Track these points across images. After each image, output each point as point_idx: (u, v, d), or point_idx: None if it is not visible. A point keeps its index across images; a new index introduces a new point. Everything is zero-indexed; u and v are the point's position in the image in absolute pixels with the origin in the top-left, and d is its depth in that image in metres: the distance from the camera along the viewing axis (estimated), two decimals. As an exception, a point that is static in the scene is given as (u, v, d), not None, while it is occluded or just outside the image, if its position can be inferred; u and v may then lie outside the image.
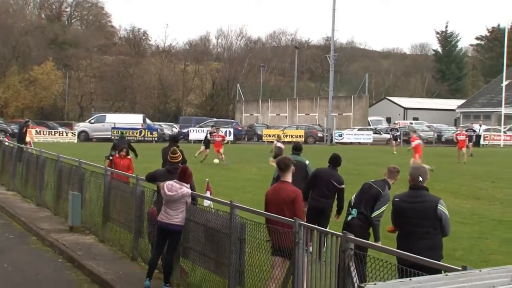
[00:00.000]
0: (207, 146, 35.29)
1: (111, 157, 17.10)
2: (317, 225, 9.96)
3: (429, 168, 22.01)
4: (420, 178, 8.70)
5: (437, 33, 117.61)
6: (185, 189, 10.67)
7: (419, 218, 8.33)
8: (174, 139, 21.25)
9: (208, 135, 36.25)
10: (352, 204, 10.61)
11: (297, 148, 14.65)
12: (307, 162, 14.24)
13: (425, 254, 7.96)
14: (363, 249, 7.42)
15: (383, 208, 10.43)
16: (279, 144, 31.56)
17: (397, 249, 8.50)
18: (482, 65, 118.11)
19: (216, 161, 33.62)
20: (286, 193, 9.45)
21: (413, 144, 33.76)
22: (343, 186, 12.71)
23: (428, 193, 8.53)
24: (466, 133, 41.41)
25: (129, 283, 11.17)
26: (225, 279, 9.62)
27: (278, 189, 9.65)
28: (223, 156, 34.37)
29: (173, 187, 10.66)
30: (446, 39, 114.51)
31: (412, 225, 8.36)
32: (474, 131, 53.36)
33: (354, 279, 6.85)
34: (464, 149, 38.29)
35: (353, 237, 7.17)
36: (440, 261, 7.46)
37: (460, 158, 37.81)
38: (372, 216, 10.35)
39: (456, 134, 40.90)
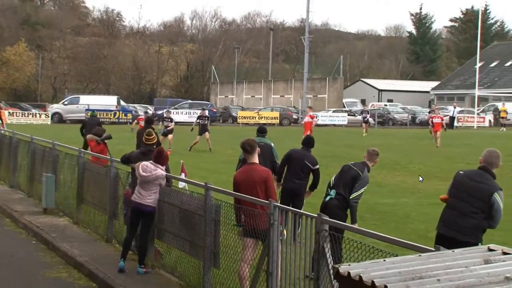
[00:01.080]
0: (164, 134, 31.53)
1: (106, 140, 16.84)
2: (292, 207, 10.01)
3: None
4: (491, 162, 8.63)
5: (412, 15, 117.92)
6: (160, 171, 10.66)
7: (472, 196, 8.30)
8: (149, 121, 21.19)
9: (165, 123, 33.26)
10: (331, 185, 10.65)
11: (261, 130, 14.63)
12: (272, 144, 14.21)
13: (464, 232, 8.21)
14: (339, 230, 7.46)
15: (361, 190, 10.48)
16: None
17: (440, 218, 8.63)
18: (456, 47, 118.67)
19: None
20: (258, 174, 9.41)
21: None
22: (318, 166, 12.70)
23: (492, 180, 8.45)
24: (441, 115, 40.87)
25: (103, 265, 11.15)
26: (200, 260, 9.63)
27: (248, 170, 9.56)
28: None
29: (147, 168, 10.64)
30: (421, 21, 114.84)
31: (463, 201, 8.37)
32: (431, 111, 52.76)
33: (329, 260, 6.89)
34: (439, 133, 37.17)
35: (328, 218, 7.19)
36: (478, 244, 7.54)
37: (438, 141, 36.65)
38: (351, 197, 10.38)
39: (432, 117, 40.10)
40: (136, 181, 10.94)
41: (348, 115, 66.97)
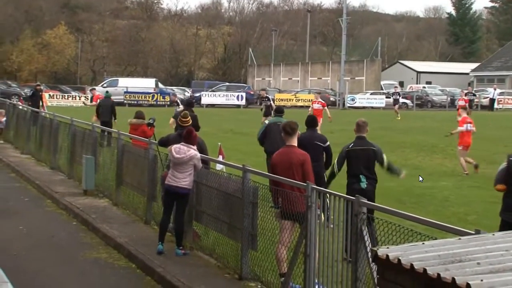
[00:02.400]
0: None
1: (153, 123, 17.00)
2: None
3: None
4: None
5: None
6: (193, 151, 10.68)
7: None
8: (189, 104, 21.25)
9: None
10: (356, 172, 10.78)
11: (279, 110, 15.64)
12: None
13: None
14: (371, 211, 7.46)
15: (385, 156, 11.13)
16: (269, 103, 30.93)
17: (503, 207, 8.61)
18: (496, 28, 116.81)
19: None
20: (296, 156, 9.42)
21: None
22: (328, 143, 12.80)
23: None
24: (466, 97, 39.46)
25: (142, 246, 11.27)
26: (238, 242, 9.69)
27: (286, 153, 9.57)
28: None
29: (180, 149, 10.68)
30: (460, 1, 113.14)
31: None
32: (474, 95, 51.71)
33: (367, 243, 6.88)
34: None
35: (366, 201, 7.20)
36: None
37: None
38: (385, 165, 11.04)
39: (458, 100, 38.99)
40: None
41: (386, 97, 66.43)
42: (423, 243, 4.30)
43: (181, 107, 30.62)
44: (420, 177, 18.59)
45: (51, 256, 11.26)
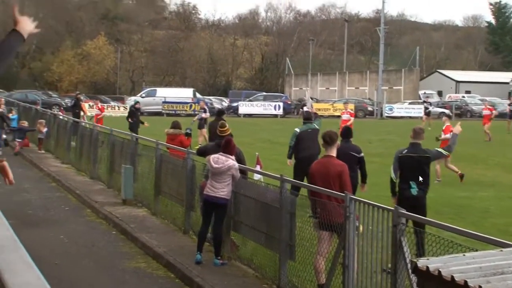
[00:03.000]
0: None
1: (190, 133, 17.21)
2: None
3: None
4: None
5: (491, 4, 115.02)
6: (231, 161, 10.70)
7: None
8: (220, 113, 21.33)
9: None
10: (408, 178, 10.73)
11: (307, 118, 15.98)
12: (318, 128, 15.43)
13: None
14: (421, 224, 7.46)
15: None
16: (305, 108, 30.88)
17: None
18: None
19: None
20: (333, 167, 9.42)
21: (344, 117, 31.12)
22: (362, 154, 12.99)
23: None
24: (490, 107, 38.32)
25: (181, 256, 11.33)
26: (276, 253, 9.69)
27: (324, 163, 9.59)
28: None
29: (219, 159, 10.71)
30: (500, 10, 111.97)
31: None
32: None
33: (406, 254, 6.84)
34: (486, 126, 35.28)
35: (404, 211, 7.15)
36: None
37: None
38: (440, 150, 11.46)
39: (483, 109, 38.19)
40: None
41: (430, 106, 65.86)
42: (463, 255, 4.27)
43: (206, 115, 30.82)
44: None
45: (91, 265, 11.38)
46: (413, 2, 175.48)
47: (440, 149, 11.78)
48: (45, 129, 28.16)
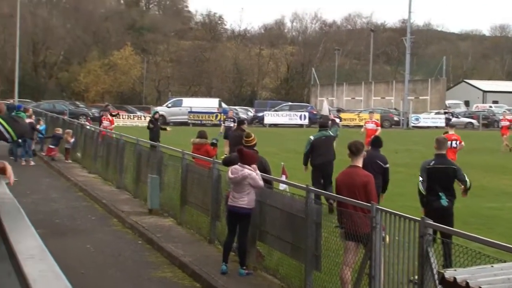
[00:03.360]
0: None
1: (216, 143, 17.31)
2: None
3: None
4: None
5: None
6: (247, 171, 10.67)
7: None
8: (240, 122, 21.32)
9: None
10: (436, 189, 10.71)
11: (322, 125, 16.66)
12: (333, 134, 16.39)
13: None
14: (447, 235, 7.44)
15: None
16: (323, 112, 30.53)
17: None
18: None
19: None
20: (359, 178, 9.41)
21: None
22: (388, 165, 13.22)
23: None
24: (509, 118, 37.65)
25: (206, 265, 11.34)
26: (302, 263, 9.66)
27: (349, 173, 9.58)
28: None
29: (235, 169, 10.75)
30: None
31: None
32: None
33: (433, 265, 6.79)
34: (505, 136, 34.68)
35: (431, 222, 7.11)
36: None
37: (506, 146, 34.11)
38: (467, 182, 11.16)
39: (501, 120, 37.26)
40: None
41: (452, 116, 65.53)
42: (491, 266, 4.24)
43: (234, 124, 30.84)
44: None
45: (117, 275, 11.43)
46: (440, 11, 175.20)
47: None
48: (72, 139, 28.38)
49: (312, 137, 16.20)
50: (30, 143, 27.64)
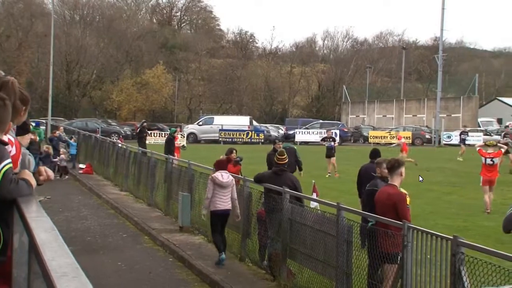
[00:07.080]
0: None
1: (240, 161, 17.42)
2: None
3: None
4: None
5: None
6: (231, 177, 12.86)
7: None
8: (287, 137, 21.44)
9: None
10: None
11: (287, 137, 18.31)
12: (295, 147, 17.77)
13: None
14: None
15: None
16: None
17: None
18: None
19: None
20: (389, 196, 9.35)
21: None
22: None
23: None
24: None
25: (238, 284, 11.34)
26: (332, 281, 9.62)
27: (383, 192, 9.55)
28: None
29: (226, 174, 12.87)
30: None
31: None
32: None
33: (465, 284, 6.72)
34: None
35: (464, 240, 7.04)
36: None
37: None
38: None
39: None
40: (268, 202, 11.15)
41: (484, 134, 64.89)
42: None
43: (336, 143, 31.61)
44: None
45: (148, 291, 11.46)
46: (473, 29, 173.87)
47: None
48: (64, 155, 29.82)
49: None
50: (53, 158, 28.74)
